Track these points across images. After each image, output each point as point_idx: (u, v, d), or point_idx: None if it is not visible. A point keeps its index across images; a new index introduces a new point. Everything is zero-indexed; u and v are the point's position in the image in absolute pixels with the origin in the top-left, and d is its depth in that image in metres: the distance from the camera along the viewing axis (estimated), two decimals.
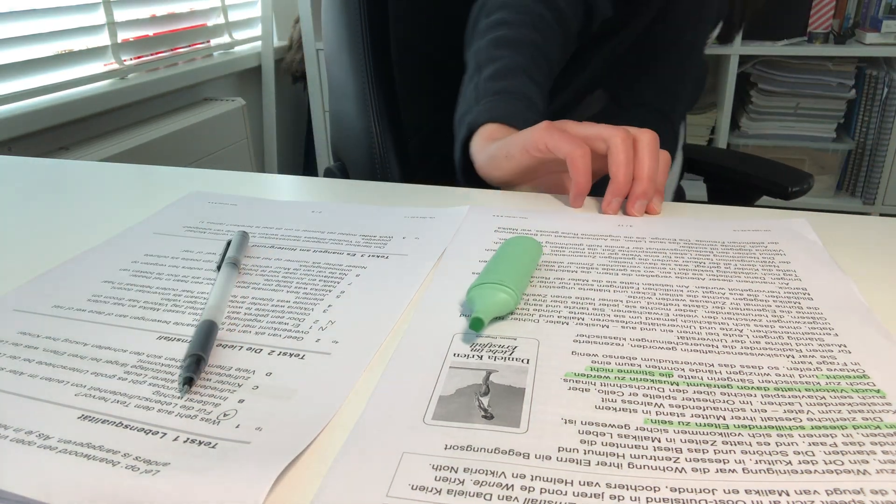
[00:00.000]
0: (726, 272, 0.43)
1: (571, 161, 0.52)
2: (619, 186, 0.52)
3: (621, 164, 0.51)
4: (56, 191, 0.61)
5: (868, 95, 2.15)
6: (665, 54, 0.85)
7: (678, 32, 0.84)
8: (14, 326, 0.38)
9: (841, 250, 0.46)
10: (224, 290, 0.40)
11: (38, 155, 1.30)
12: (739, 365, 0.33)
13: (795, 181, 0.95)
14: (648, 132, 0.52)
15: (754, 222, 0.51)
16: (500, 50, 0.67)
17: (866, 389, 0.31)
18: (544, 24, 0.70)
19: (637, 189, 0.52)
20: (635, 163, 0.52)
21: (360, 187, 0.62)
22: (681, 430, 0.29)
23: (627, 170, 0.51)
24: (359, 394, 0.32)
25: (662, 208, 0.54)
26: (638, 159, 0.52)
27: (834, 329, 0.36)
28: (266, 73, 1.97)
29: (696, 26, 0.87)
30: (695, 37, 0.88)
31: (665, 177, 0.53)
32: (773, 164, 1.03)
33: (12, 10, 1.27)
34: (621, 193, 0.52)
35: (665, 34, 0.83)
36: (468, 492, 0.26)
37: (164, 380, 0.33)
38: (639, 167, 0.51)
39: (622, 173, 0.51)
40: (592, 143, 0.52)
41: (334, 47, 0.86)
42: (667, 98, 0.89)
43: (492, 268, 0.40)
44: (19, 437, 0.29)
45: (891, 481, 0.26)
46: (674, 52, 0.86)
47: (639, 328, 0.37)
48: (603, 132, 0.52)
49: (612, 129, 0.52)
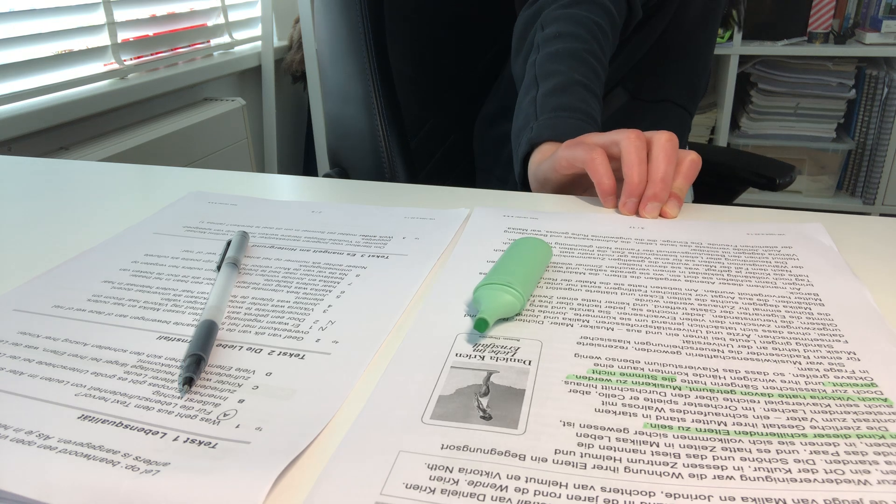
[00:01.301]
0: (737, 276, 0.43)
1: (590, 166, 0.53)
2: (633, 186, 0.51)
3: (633, 165, 0.51)
4: (56, 191, 0.61)
5: (868, 95, 2.15)
6: (682, 50, 0.86)
7: (693, 28, 0.85)
8: (14, 326, 0.38)
9: (846, 251, 0.46)
10: (224, 290, 0.40)
11: (38, 155, 1.30)
12: (744, 370, 0.33)
13: (782, 173, 0.97)
14: (665, 134, 0.52)
15: (768, 226, 0.50)
16: (557, 64, 0.67)
17: (873, 398, 0.31)
18: (601, 32, 0.70)
19: (648, 191, 0.51)
20: (649, 164, 0.51)
21: (360, 187, 0.62)
22: (680, 435, 0.29)
23: (640, 169, 0.51)
24: (358, 394, 0.32)
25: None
26: (652, 161, 0.51)
27: (844, 336, 0.36)
28: (266, 73, 1.97)
29: (708, 23, 0.88)
30: (708, 32, 0.89)
31: (688, 181, 0.53)
32: (757, 157, 1.06)
33: (12, 10, 1.27)
34: (635, 193, 0.52)
35: (680, 31, 0.83)
36: (462, 492, 0.26)
37: (164, 380, 0.33)
38: (652, 169, 0.51)
39: (635, 173, 0.51)
40: (608, 148, 0.53)
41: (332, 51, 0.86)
42: (686, 92, 0.90)
43: (499, 268, 0.40)
44: (19, 437, 0.29)
45: (892, 492, 0.25)
46: (690, 47, 0.87)
47: (644, 331, 0.37)
48: (615, 136, 0.53)
49: (624, 132, 0.52)
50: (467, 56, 0.99)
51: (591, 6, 0.71)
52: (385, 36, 0.85)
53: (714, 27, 0.91)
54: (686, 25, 0.84)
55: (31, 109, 1.26)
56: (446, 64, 0.98)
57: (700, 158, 0.53)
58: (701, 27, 0.87)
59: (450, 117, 1.00)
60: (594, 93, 0.67)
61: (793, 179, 0.98)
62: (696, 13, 0.84)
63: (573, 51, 0.68)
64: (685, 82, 0.89)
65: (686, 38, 0.86)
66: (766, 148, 2.22)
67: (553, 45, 0.69)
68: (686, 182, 0.52)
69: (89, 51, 1.43)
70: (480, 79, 1.02)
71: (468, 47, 0.99)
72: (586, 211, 0.54)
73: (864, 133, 2.19)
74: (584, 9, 0.71)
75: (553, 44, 0.69)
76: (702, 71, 0.91)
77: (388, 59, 0.84)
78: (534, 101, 0.66)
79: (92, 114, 1.40)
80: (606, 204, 0.54)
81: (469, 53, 0.99)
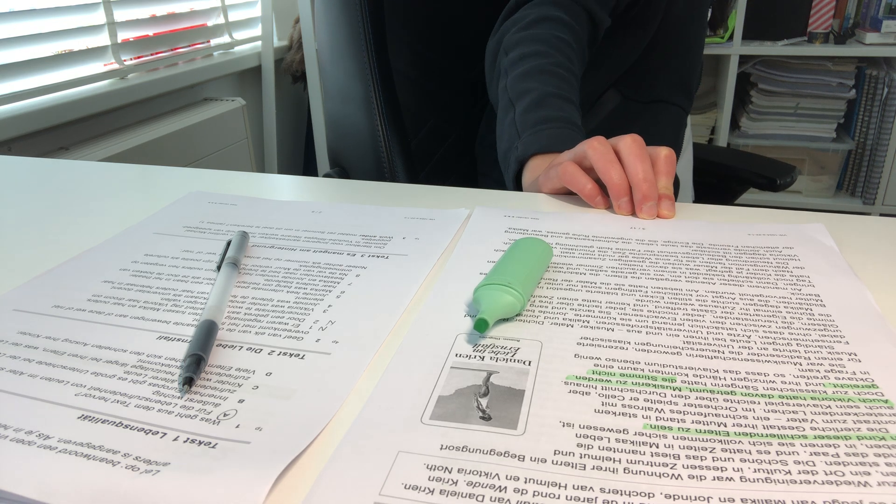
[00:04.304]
0: (738, 277, 0.43)
1: (566, 180, 0.55)
2: (615, 187, 0.52)
3: (607, 168, 0.52)
4: (56, 191, 0.61)
5: (868, 95, 2.15)
6: (671, 48, 0.86)
7: (680, 25, 0.85)
8: (14, 326, 0.38)
9: (847, 251, 0.46)
10: (224, 290, 0.40)
11: (38, 155, 1.30)
12: (745, 371, 0.33)
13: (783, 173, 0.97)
14: (627, 138, 0.53)
15: (770, 227, 0.50)
16: (528, 82, 0.69)
17: (874, 399, 0.31)
18: (564, 44, 0.72)
19: (636, 195, 0.52)
20: (626, 169, 0.52)
21: (360, 187, 0.62)
22: (680, 437, 0.29)
23: (615, 168, 0.52)
24: (358, 394, 0.32)
25: (678, 209, 0.54)
26: (626, 166, 0.52)
27: (845, 337, 0.36)
28: (266, 73, 1.97)
29: (695, 18, 0.88)
30: (696, 27, 0.89)
31: (668, 177, 0.53)
32: (758, 157, 1.07)
33: (12, 10, 1.27)
34: (621, 193, 0.52)
35: (668, 29, 0.83)
36: (461, 492, 0.26)
37: (164, 380, 0.33)
38: (631, 174, 0.52)
39: (612, 174, 0.52)
40: (579, 161, 0.55)
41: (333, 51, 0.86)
42: (679, 90, 0.90)
43: (500, 268, 0.40)
44: (19, 437, 0.29)
45: (892, 494, 0.25)
46: (680, 44, 0.87)
47: (644, 332, 0.37)
48: (579, 148, 0.55)
49: (587, 142, 0.54)
50: (467, 56, 0.99)
51: (550, 24, 0.73)
52: (385, 36, 0.85)
53: (702, 21, 0.91)
54: (673, 23, 0.84)
55: (31, 109, 1.26)
56: (446, 64, 0.98)
57: (672, 152, 0.53)
58: (688, 23, 0.87)
59: (450, 117, 1.00)
60: (569, 100, 0.68)
61: (794, 180, 0.99)
62: (680, 10, 0.84)
63: (540, 67, 0.69)
64: (677, 80, 0.89)
65: (675, 36, 0.86)
66: (766, 148, 2.22)
67: (520, 66, 0.71)
68: (668, 179, 0.53)
69: (89, 51, 1.43)
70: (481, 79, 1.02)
71: (468, 47, 0.99)
72: (587, 211, 0.54)
73: (864, 133, 2.19)
74: (544, 27, 0.73)
75: (520, 65, 0.71)
76: (693, 67, 0.92)
77: (388, 58, 0.84)
78: (513, 122, 0.68)
79: (92, 114, 1.40)
80: (597, 205, 0.55)
81: (469, 53, 0.99)
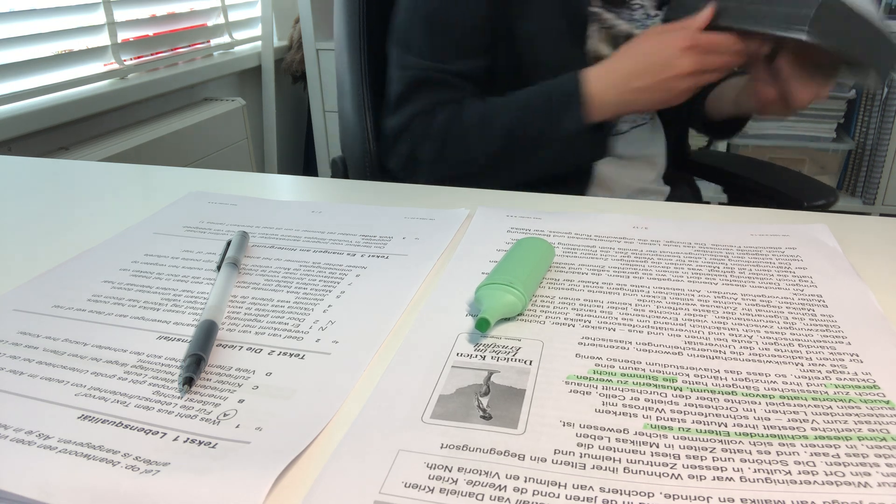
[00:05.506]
0: (740, 277, 0.43)
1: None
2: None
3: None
4: (56, 191, 0.61)
5: (868, 95, 2.15)
6: None
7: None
8: (14, 326, 0.38)
9: (849, 252, 0.46)
10: (224, 290, 0.40)
11: (38, 155, 1.30)
12: (746, 372, 0.33)
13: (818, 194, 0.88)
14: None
15: (772, 227, 0.50)
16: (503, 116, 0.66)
17: (875, 400, 0.31)
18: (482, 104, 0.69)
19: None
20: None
21: (360, 187, 0.62)
22: (680, 436, 0.29)
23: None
24: (358, 393, 0.32)
25: (678, 209, 0.54)
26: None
27: (847, 338, 0.36)
28: (266, 73, 1.97)
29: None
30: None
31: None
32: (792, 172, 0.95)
33: (12, 10, 1.27)
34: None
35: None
36: (461, 491, 0.26)
37: (164, 380, 0.33)
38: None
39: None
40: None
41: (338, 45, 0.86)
42: None
43: (501, 268, 0.40)
44: (19, 437, 0.29)
45: (892, 495, 0.25)
46: None
47: (646, 332, 0.37)
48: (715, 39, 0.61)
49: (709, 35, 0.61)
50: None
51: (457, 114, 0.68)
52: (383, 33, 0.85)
53: None
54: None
55: (31, 109, 1.26)
56: None
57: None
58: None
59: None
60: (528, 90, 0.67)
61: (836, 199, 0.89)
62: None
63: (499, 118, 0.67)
64: None
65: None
66: (766, 148, 2.22)
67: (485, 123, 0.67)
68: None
69: (89, 51, 1.43)
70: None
71: None
72: (590, 211, 0.54)
73: (864, 133, 2.19)
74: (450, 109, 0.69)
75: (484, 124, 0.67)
76: None
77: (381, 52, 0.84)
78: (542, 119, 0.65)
79: (92, 114, 1.40)
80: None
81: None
